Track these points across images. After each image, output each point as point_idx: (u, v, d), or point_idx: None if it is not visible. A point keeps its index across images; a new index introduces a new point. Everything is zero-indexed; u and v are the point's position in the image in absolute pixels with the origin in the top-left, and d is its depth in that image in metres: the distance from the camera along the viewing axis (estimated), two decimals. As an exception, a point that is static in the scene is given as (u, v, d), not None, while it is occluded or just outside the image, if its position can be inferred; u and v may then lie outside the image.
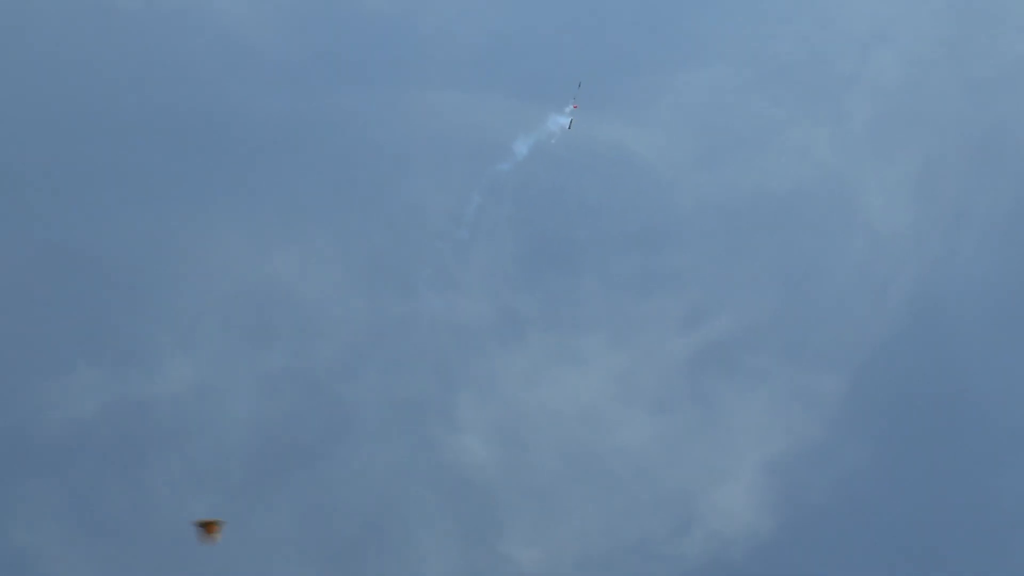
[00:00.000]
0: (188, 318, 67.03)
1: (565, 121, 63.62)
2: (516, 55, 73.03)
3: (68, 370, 64.69)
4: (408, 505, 66.76)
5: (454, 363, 69.45)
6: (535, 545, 66.10)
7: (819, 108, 72.35)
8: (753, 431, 67.96)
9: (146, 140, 66.93)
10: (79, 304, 65.65)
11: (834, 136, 71.95)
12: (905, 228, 70.33)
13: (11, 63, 65.55)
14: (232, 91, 67.26)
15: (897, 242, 70.17)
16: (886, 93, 72.00)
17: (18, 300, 64.77)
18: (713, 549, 64.96)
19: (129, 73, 66.38)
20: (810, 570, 64.93)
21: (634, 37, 72.41)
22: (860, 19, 72.83)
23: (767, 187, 71.01)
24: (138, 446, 65.53)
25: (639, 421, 69.02)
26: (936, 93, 71.78)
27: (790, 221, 71.15)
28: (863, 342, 69.08)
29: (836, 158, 71.69)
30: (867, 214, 70.68)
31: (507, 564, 65.12)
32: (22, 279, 64.72)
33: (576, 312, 70.59)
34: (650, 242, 71.00)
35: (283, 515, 65.82)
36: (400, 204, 70.00)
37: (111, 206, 65.95)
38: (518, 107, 71.81)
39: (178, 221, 67.37)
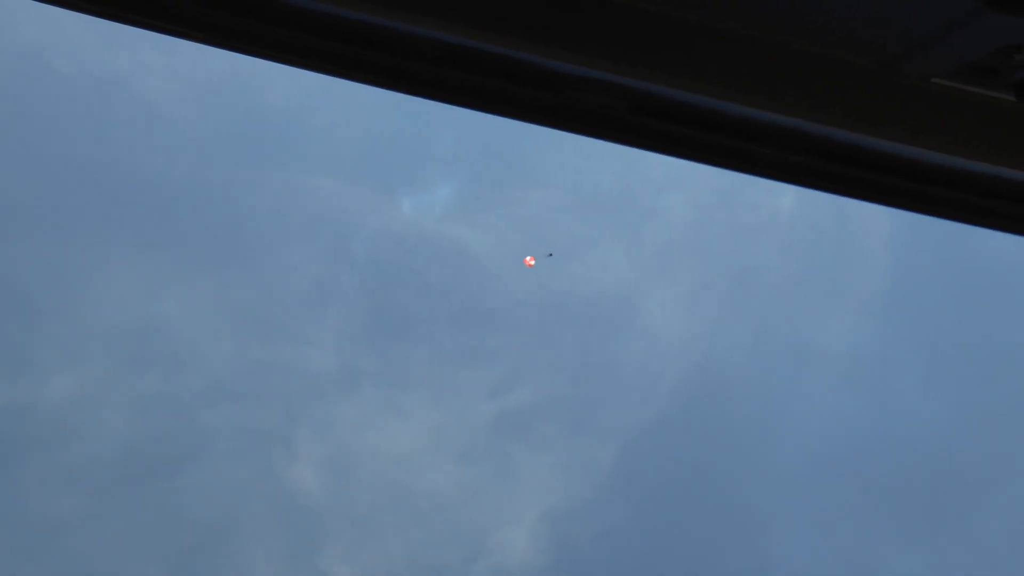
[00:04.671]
0: (77, 340, 72.63)
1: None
2: (386, 154, 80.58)
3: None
4: (246, 520, 73.20)
5: (298, 404, 76.23)
6: (348, 563, 73.41)
7: (620, 232, 79.76)
8: (537, 486, 75.97)
9: (62, 185, 72.43)
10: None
11: (628, 256, 79.45)
12: (676, 335, 78.76)
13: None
14: (143, 153, 73.17)
15: (669, 346, 78.26)
16: (672, 227, 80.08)
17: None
18: (494, 579, 73.10)
19: (54, 126, 71.92)
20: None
21: (486, 158, 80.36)
22: (659, 167, 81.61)
23: (572, 290, 78.51)
24: (18, 447, 70.72)
25: (446, 468, 76.67)
26: (709, 232, 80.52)
27: (586, 319, 78.67)
28: (632, 424, 77.20)
29: (628, 274, 79.20)
30: (647, 320, 78.47)
31: (323, 577, 72.22)
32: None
33: (404, 373, 77.68)
34: (472, 323, 78.51)
35: (138, 518, 71.60)
36: (271, 266, 77.10)
37: (22, 238, 71.42)
38: (380, 197, 79.54)
39: (80, 257, 73.09)
